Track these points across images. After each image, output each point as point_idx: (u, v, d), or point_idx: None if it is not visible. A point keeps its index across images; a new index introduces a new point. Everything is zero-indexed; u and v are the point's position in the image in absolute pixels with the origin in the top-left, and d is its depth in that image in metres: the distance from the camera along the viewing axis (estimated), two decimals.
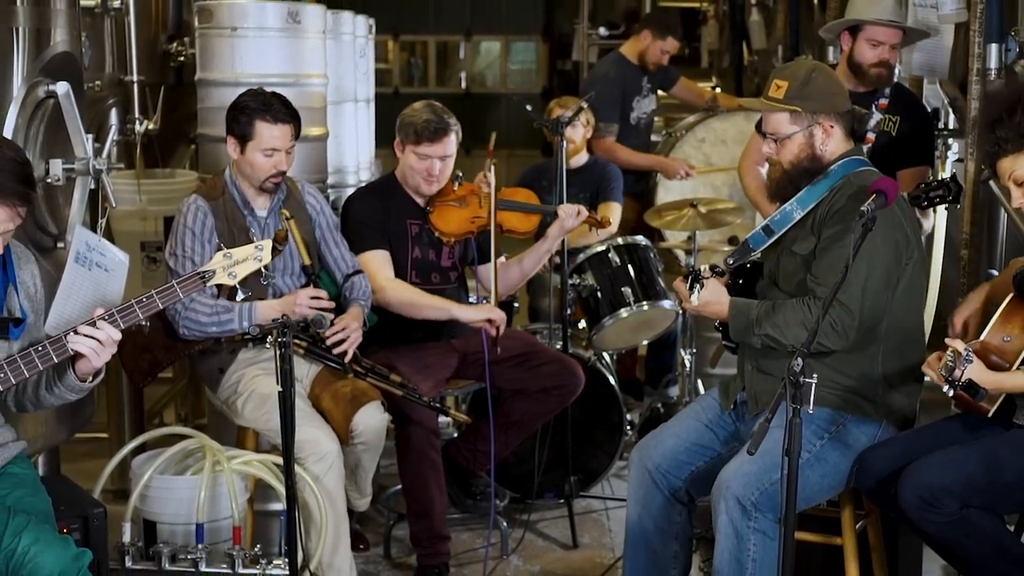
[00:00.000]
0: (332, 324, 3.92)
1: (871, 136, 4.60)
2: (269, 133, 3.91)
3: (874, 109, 4.60)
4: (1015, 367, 3.13)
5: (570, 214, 4.46)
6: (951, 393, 3.05)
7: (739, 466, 3.27)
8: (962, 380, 3.00)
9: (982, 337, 3.20)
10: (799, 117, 3.39)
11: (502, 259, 4.60)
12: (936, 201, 4.01)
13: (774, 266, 3.48)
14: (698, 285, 3.33)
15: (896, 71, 4.82)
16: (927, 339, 3.67)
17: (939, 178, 4.41)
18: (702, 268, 3.34)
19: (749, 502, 3.23)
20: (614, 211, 5.49)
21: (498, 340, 4.29)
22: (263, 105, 3.93)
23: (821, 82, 3.40)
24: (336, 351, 3.93)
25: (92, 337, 3.00)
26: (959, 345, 3.02)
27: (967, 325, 3.48)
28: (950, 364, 3.00)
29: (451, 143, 4.33)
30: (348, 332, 3.94)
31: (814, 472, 3.32)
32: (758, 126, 4.78)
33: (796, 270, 3.39)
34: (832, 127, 3.40)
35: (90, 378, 3.12)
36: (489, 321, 4.28)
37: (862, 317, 3.27)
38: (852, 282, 3.23)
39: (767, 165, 4.70)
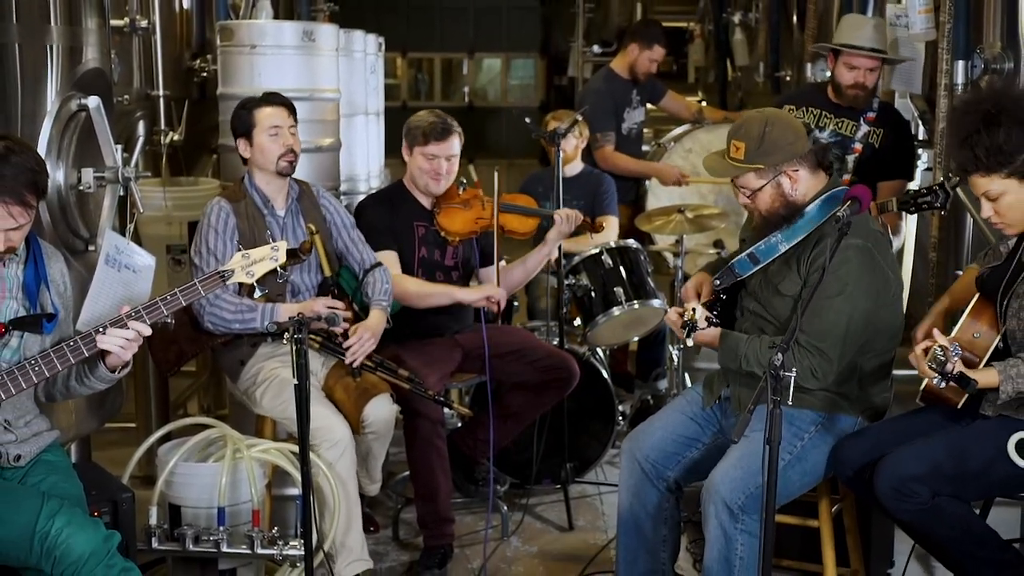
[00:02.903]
0: (346, 325, 3.91)
1: (858, 146, 4.61)
2: (268, 115, 3.98)
3: (862, 122, 4.61)
4: (984, 361, 3.12)
5: (566, 218, 4.47)
6: (942, 385, 3.02)
7: (726, 471, 3.26)
8: (955, 372, 2.98)
9: (953, 335, 3.19)
10: (764, 172, 3.32)
11: (503, 262, 4.61)
12: (924, 207, 3.99)
13: (757, 286, 3.44)
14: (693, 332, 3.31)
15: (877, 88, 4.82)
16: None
17: (916, 186, 4.41)
18: (697, 317, 3.27)
19: (736, 506, 3.22)
20: (612, 224, 5.50)
21: (499, 314, 4.29)
22: (257, 99, 4.03)
23: (776, 134, 3.31)
24: (347, 359, 3.93)
25: (120, 336, 3.00)
26: (943, 340, 3.01)
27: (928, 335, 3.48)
28: (941, 359, 2.96)
29: (455, 143, 4.34)
30: (362, 343, 3.94)
31: (795, 471, 3.32)
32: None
33: (783, 309, 3.35)
34: (797, 171, 3.33)
35: (118, 369, 3.12)
36: (488, 299, 4.29)
37: (840, 361, 3.26)
38: (833, 332, 3.22)
39: None
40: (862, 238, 3.23)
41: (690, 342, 3.32)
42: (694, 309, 3.27)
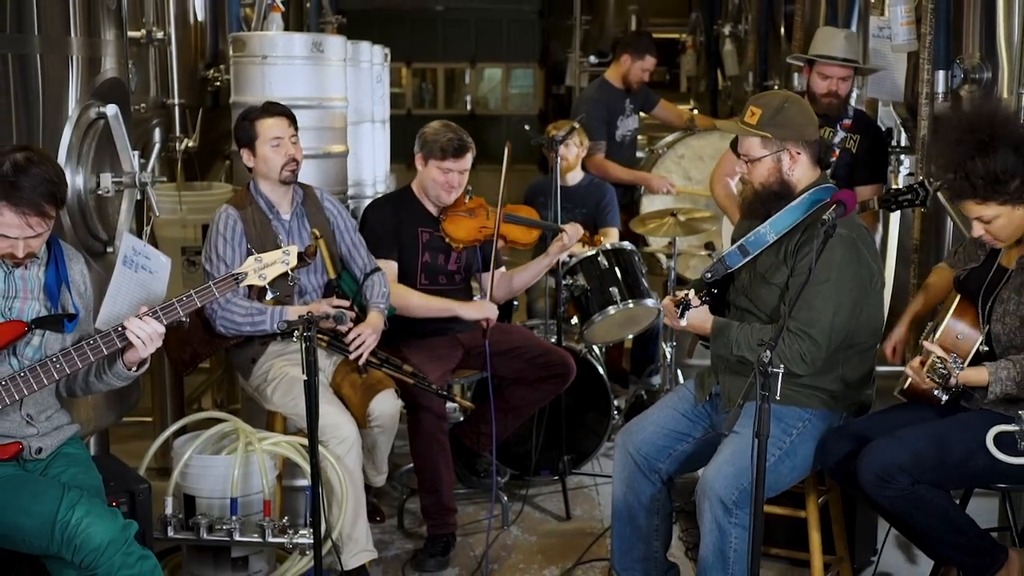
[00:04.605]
0: (351, 323, 3.92)
1: (835, 151, 4.60)
2: (269, 126, 3.96)
3: (839, 128, 4.60)
4: (967, 361, 3.12)
5: (571, 235, 4.47)
6: (945, 398, 3.03)
7: (719, 468, 3.26)
8: (959, 386, 2.97)
9: (936, 337, 3.18)
10: (769, 142, 3.33)
11: (502, 269, 4.62)
12: (905, 205, 4.00)
13: (746, 280, 3.44)
14: (688, 311, 3.30)
15: (854, 95, 4.82)
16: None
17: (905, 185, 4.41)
18: (691, 296, 3.28)
19: (731, 501, 3.22)
20: (612, 235, 5.50)
21: (487, 333, 4.30)
22: (258, 110, 4.01)
23: (792, 112, 3.33)
24: (352, 356, 3.93)
25: (142, 329, 3.01)
26: (939, 351, 2.98)
27: (895, 350, 3.49)
28: (943, 372, 2.95)
29: (469, 159, 4.34)
30: (364, 338, 3.94)
31: (785, 466, 3.32)
32: (733, 144, 4.79)
33: (771, 298, 3.35)
34: (799, 154, 3.34)
35: (135, 367, 3.12)
36: (484, 320, 4.31)
37: (828, 347, 3.26)
38: (821, 319, 3.22)
39: (736, 178, 4.72)
40: (847, 229, 3.24)
41: (683, 323, 3.30)
42: (687, 292, 3.28)
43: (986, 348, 3.14)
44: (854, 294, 3.26)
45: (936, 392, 2.99)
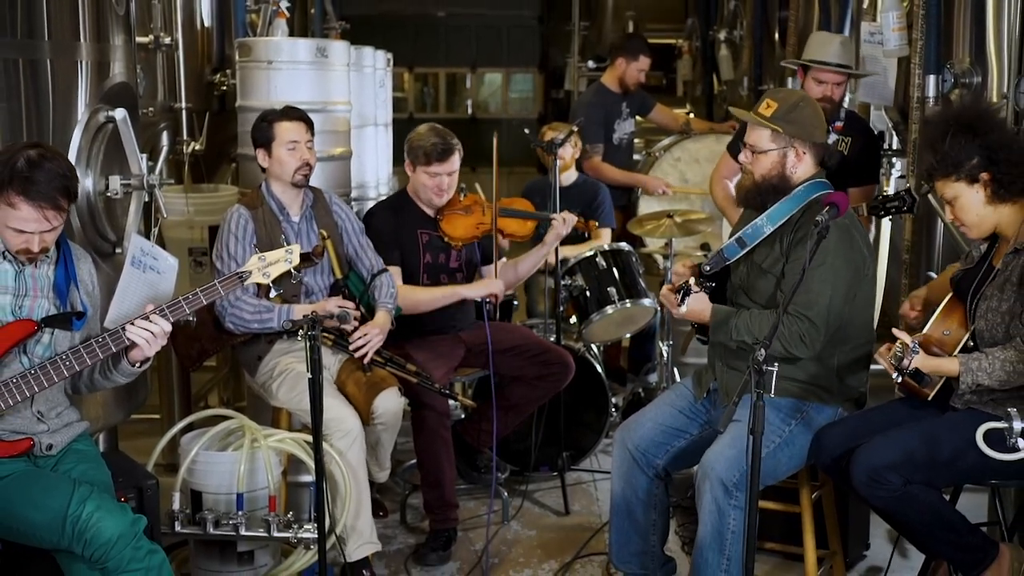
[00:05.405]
0: (356, 323, 3.92)
1: None
2: (287, 129, 3.98)
3: (830, 131, 4.60)
4: (953, 356, 3.13)
5: (563, 221, 4.48)
6: (899, 380, 3.05)
7: (721, 451, 3.26)
8: (910, 368, 3.00)
9: (924, 331, 3.20)
10: (778, 137, 3.34)
11: (504, 260, 4.61)
12: (892, 211, 4.01)
13: (743, 274, 3.45)
14: (687, 297, 3.31)
15: (847, 99, 4.83)
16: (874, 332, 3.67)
17: (889, 192, 4.41)
18: (691, 283, 3.30)
19: (731, 483, 3.22)
20: (605, 236, 5.50)
21: (496, 306, 4.31)
22: (278, 113, 4.02)
23: (807, 112, 3.35)
24: (357, 354, 3.93)
25: (146, 330, 3.01)
26: (906, 338, 3.02)
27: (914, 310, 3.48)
28: (899, 355, 3.00)
29: (456, 160, 4.34)
30: (369, 338, 3.94)
31: (783, 454, 3.33)
32: (729, 146, 4.80)
33: (768, 286, 3.36)
34: (804, 154, 3.35)
35: (139, 363, 3.13)
36: (488, 293, 4.32)
37: (827, 330, 3.27)
38: (819, 301, 3.23)
39: (735, 180, 4.72)
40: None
41: (683, 309, 3.30)
42: (687, 280, 3.28)
43: (972, 344, 3.16)
44: (848, 276, 3.28)
45: (893, 375, 3.02)
